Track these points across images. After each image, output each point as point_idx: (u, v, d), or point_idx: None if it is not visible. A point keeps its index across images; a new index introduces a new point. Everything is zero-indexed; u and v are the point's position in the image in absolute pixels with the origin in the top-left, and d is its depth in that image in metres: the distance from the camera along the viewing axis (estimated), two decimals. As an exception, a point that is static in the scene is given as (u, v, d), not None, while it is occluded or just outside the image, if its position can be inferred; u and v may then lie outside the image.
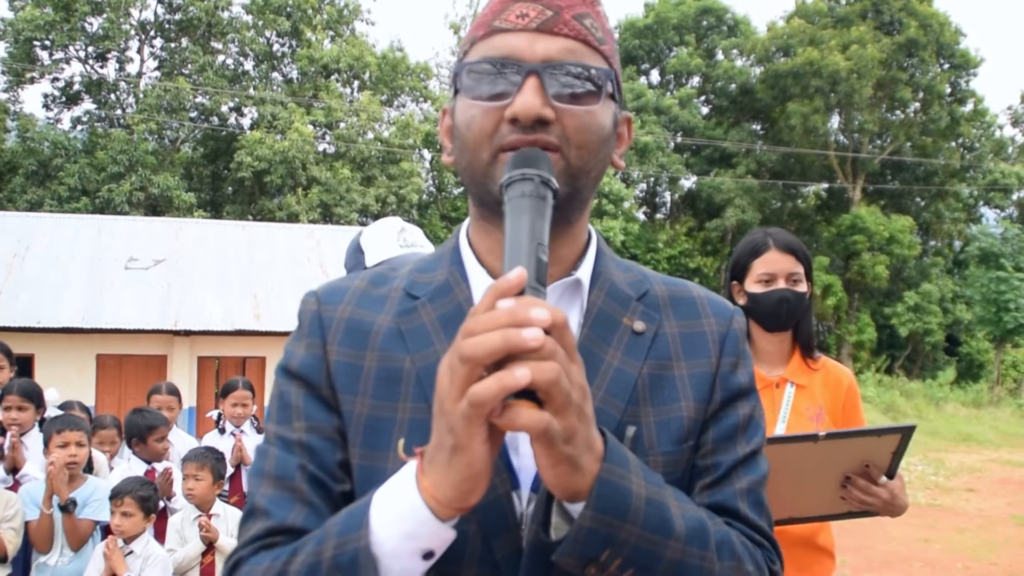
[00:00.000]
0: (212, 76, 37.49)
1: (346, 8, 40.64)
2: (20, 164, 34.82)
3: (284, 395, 1.35)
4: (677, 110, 42.54)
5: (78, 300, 19.00)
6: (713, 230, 41.87)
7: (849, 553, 10.84)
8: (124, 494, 4.84)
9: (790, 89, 41.52)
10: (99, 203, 32.65)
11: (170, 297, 19.56)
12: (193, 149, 39.26)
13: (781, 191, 44.42)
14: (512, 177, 1.19)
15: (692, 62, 44.21)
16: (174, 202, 33.35)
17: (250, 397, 7.08)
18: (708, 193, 42.37)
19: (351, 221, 33.64)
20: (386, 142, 36.87)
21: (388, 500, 1.13)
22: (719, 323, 1.42)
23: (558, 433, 1.04)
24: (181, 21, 38.55)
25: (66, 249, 20.90)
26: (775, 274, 3.05)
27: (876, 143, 44.87)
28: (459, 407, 1.02)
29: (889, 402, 29.54)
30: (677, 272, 41.09)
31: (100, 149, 34.51)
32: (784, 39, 42.38)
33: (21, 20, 35.42)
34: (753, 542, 1.33)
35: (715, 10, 45.58)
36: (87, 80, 38.05)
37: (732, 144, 43.03)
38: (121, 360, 18.67)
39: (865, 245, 40.02)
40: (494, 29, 1.31)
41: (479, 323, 1.01)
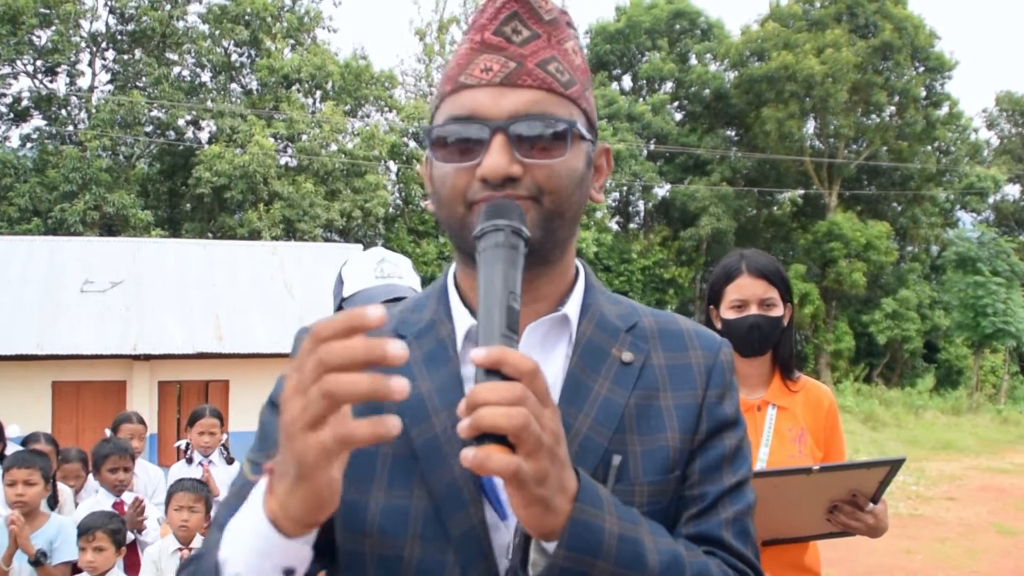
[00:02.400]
0: (168, 89, 37.25)
1: (307, 15, 40.53)
2: (-33, 185, 34.62)
3: (266, 424, 1.44)
4: (650, 116, 42.69)
5: (32, 325, 18.87)
6: (688, 239, 42.02)
7: (833, 566, 10.96)
8: (95, 528, 4.87)
9: (765, 94, 41.81)
10: (51, 223, 32.39)
11: (128, 320, 19.47)
12: (149, 165, 39.00)
13: (756, 198, 44.66)
14: (484, 228, 1.25)
15: (665, 67, 44.42)
16: (130, 221, 33.12)
17: (218, 425, 7.06)
18: (682, 201, 42.53)
19: (315, 237, 33.57)
20: (350, 154, 36.80)
21: (243, 520, 1.18)
22: (706, 355, 1.49)
23: (529, 476, 1.10)
24: (134, 32, 38.30)
25: (18, 272, 20.75)
26: (747, 300, 3.12)
27: (852, 148, 45.27)
28: (315, 439, 1.03)
29: (868, 411, 29.79)
30: (651, 283, 41.25)
31: (51, 167, 34.24)
32: (758, 43, 42.71)
33: (-35, 35, 35.20)
34: (736, 571, 1.37)
35: (688, 14, 45.79)
36: (36, 95, 37.75)
37: (706, 151, 43.27)
38: (79, 387, 18.56)
39: (842, 252, 40.31)
40: (460, 85, 1.37)
41: (335, 361, 1.02)
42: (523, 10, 1.38)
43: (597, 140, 1.48)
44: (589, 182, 1.45)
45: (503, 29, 1.37)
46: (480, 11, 1.41)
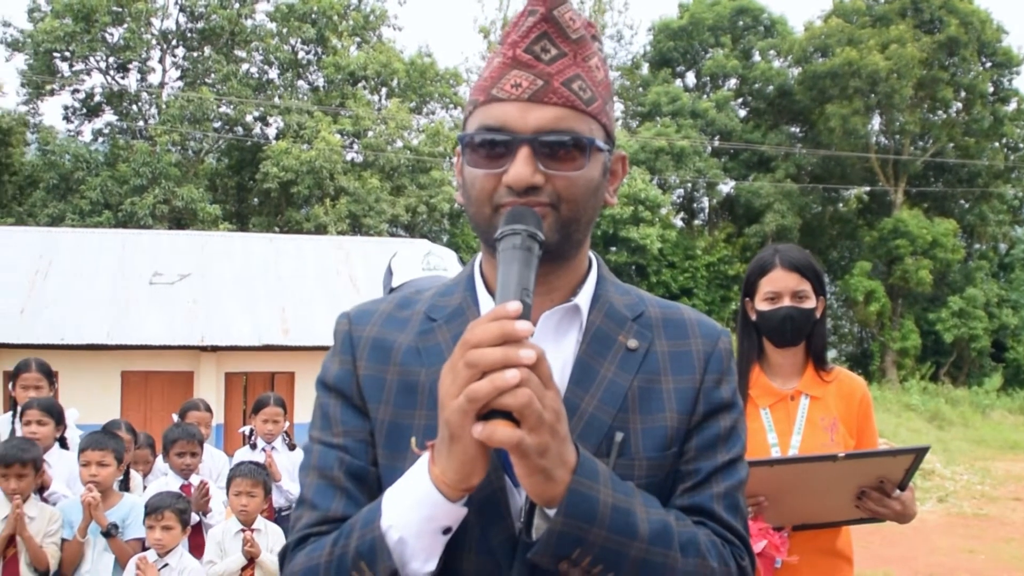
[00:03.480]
0: (236, 85, 37.63)
1: (372, 14, 40.71)
2: (41, 178, 35.15)
3: (324, 406, 1.62)
4: (714, 113, 42.33)
5: (103, 316, 19.09)
6: (753, 236, 41.55)
7: (894, 564, 10.84)
8: (163, 508, 5.01)
9: (829, 90, 41.20)
10: (122, 217, 32.83)
11: (196, 312, 19.62)
12: (217, 160, 39.45)
13: (821, 195, 44.06)
14: (503, 232, 1.43)
15: (728, 64, 43.99)
16: (198, 215, 33.49)
17: (281, 413, 7.21)
18: (747, 198, 42.10)
19: (380, 232, 33.67)
20: (415, 150, 36.91)
21: (405, 491, 1.39)
22: (706, 343, 1.63)
23: (531, 448, 1.28)
24: (204, 30, 38.78)
25: (89, 264, 21.02)
26: (780, 292, 3.22)
27: (918, 145, 44.47)
28: (456, 403, 1.27)
29: (934, 410, 29.29)
30: (716, 280, 40.91)
31: (122, 161, 34.74)
32: (822, 39, 42.08)
33: (41, 32, 35.75)
34: (724, 540, 1.52)
35: (751, 10, 45.34)
36: (108, 91, 38.34)
37: (770, 147, 42.79)
38: (147, 377, 18.73)
39: (908, 249, 39.61)
40: (492, 97, 1.51)
41: (483, 340, 1.26)
42: (552, 30, 1.51)
43: (614, 149, 1.62)
44: (604, 188, 1.60)
45: (533, 48, 1.51)
46: (514, 25, 1.55)
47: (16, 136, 35.87)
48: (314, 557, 1.46)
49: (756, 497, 2.90)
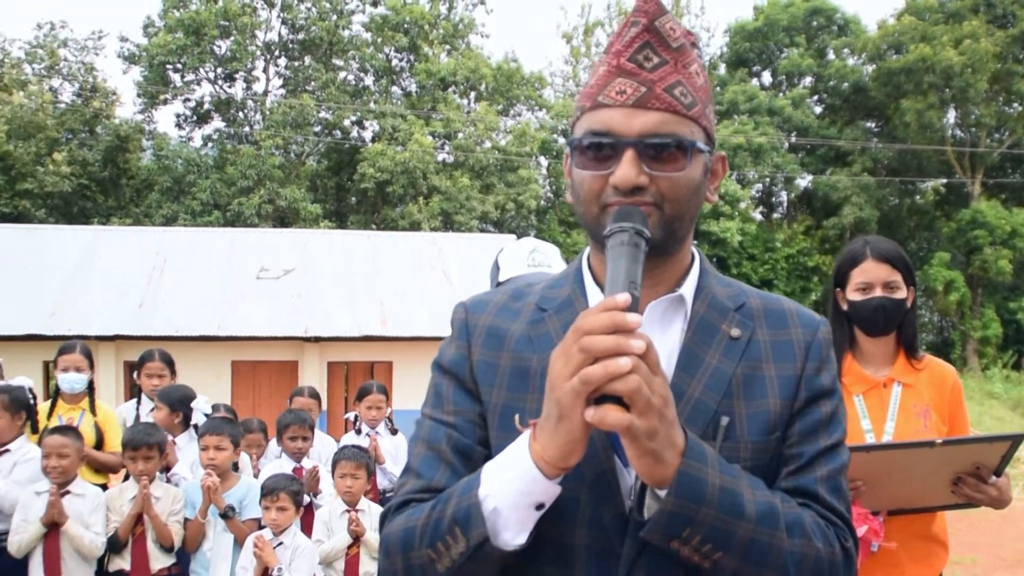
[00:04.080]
0: (334, 92, 38.06)
1: (461, 22, 40.87)
2: (156, 181, 35.94)
3: (437, 385, 1.68)
4: (790, 110, 41.67)
5: (213, 309, 19.45)
6: (831, 228, 40.75)
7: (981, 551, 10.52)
8: (279, 490, 5.07)
9: (903, 86, 40.26)
10: (230, 216, 33.43)
11: (300, 305, 19.87)
12: (318, 162, 39.92)
13: (898, 188, 43.17)
14: (612, 229, 1.47)
15: (803, 62, 43.24)
16: (301, 213, 33.96)
17: (384, 400, 7.27)
18: (824, 192, 41.33)
19: (471, 228, 33.78)
20: (503, 150, 36.95)
21: (504, 465, 1.42)
22: (805, 333, 1.64)
23: (641, 431, 1.30)
24: (304, 40, 39.28)
25: (201, 261, 21.44)
26: (871, 283, 3.20)
27: (994, 137, 43.31)
28: (569, 384, 1.30)
29: (1017, 398, 28.47)
30: (795, 271, 40.29)
31: (230, 164, 35.35)
32: (895, 36, 41.17)
33: (155, 46, 36.56)
34: (828, 522, 1.53)
35: (825, 10, 44.52)
36: (216, 99, 39.06)
37: (847, 142, 41.99)
38: (255, 366, 19.02)
39: (987, 240, 38.53)
40: (598, 103, 1.55)
41: (596, 328, 1.29)
42: (654, 40, 1.54)
43: (714, 150, 1.64)
44: (705, 187, 1.62)
45: (636, 56, 1.54)
46: (617, 35, 1.57)
47: (133, 143, 36.74)
48: (412, 520, 1.51)
49: (854, 482, 2.86)
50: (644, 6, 1.55)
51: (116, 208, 36.07)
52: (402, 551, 1.50)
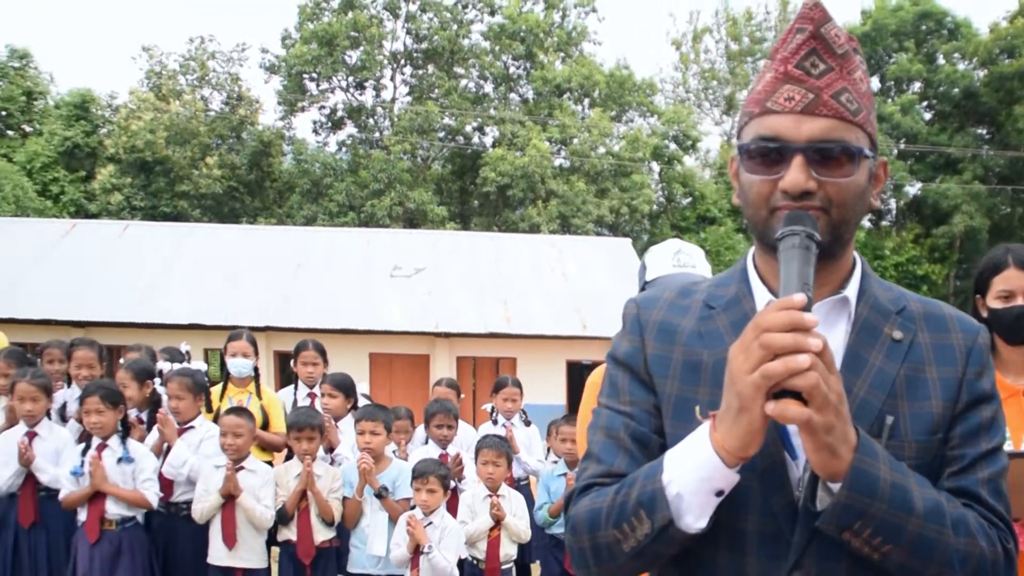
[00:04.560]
0: (457, 99, 38.35)
1: (575, 31, 40.72)
2: (296, 184, 36.78)
3: (613, 377, 1.70)
4: (899, 117, 40.22)
5: (351, 304, 19.85)
6: (941, 237, 39.19)
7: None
8: (428, 473, 5.22)
9: (1016, 91, 38.45)
10: (364, 217, 33.98)
11: (430, 302, 20.13)
12: (443, 166, 40.22)
13: (1010, 196, 41.28)
14: (783, 233, 1.47)
15: (912, 68, 41.65)
16: (428, 215, 34.30)
17: (519, 393, 7.37)
18: (934, 200, 39.66)
19: (587, 231, 33.68)
20: (617, 156, 36.77)
21: (686, 453, 1.44)
22: (966, 338, 1.62)
23: (819, 425, 1.32)
24: (427, 50, 39.58)
25: (339, 259, 21.91)
26: (1013, 291, 3.09)
27: (1112, 142, 41.27)
28: (750, 378, 1.32)
29: None
30: (904, 279, 38.93)
31: (362, 168, 35.90)
32: (1008, 40, 39.32)
33: (292, 57, 37.41)
34: (990, 523, 1.51)
35: (934, 14, 42.75)
36: (349, 107, 39.72)
37: (957, 149, 40.44)
38: (391, 359, 19.33)
39: (1103, 249, 36.82)
40: (767, 110, 1.55)
41: (775, 325, 1.31)
42: (820, 47, 1.53)
43: (877, 155, 1.62)
44: (870, 192, 1.61)
45: (803, 64, 1.53)
46: (782, 42, 1.57)
47: (275, 148, 37.65)
48: (597, 502, 1.53)
49: None
50: (810, 13, 1.54)
51: (262, 208, 37.08)
52: (589, 531, 1.53)
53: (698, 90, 44.88)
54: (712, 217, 37.41)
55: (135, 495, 5.25)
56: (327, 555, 5.48)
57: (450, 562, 5.09)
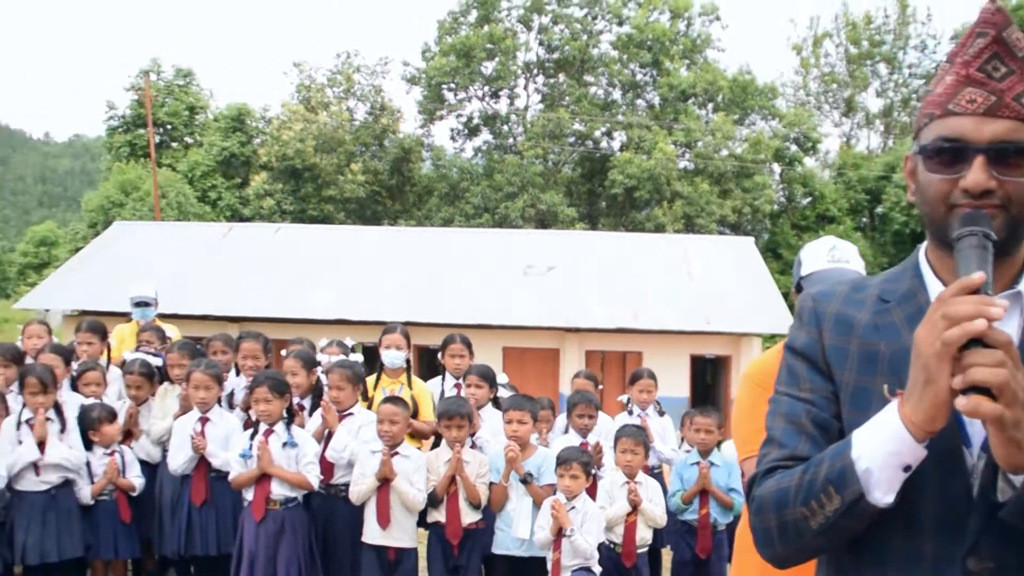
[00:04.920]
0: (586, 105, 38.35)
1: (699, 38, 40.21)
2: (435, 187, 37.39)
3: (791, 366, 1.70)
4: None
5: (486, 300, 20.05)
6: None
7: None
8: (572, 460, 5.22)
9: None
10: (498, 218, 34.26)
11: (561, 299, 20.18)
12: (572, 170, 40.22)
13: None
14: (961, 233, 1.46)
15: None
16: (559, 216, 34.41)
17: (653, 385, 7.32)
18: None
19: (711, 231, 33.30)
20: (739, 158, 36.19)
21: (875, 429, 1.44)
22: None
23: (1008, 421, 1.29)
24: (559, 60, 39.68)
25: (475, 258, 22.17)
26: None
27: None
28: (934, 347, 1.32)
29: None
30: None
31: (497, 172, 36.21)
32: None
33: (432, 68, 37.99)
34: None
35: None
36: (484, 115, 40.12)
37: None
38: (523, 353, 19.44)
39: None
40: (948, 112, 1.54)
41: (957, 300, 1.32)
42: (1002, 50, 1.51)
43: None
44: None
45: (985, 67, 1.51)
46: (961, 46, 1.55)
47: (415, 154, 38.32)
48: (783, 482, 1.53)
49: None
50: (991, 17, 1.52)
51: (402, 211, 37.79)
52: (776, 510, 1.53)
53: (818, 93, 43.76)
54: (831, 216, 36.46)
55: (298, 477, 5.40)
56: (473, 536, 5.52)
57: (591, 544, 5.10)
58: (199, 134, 40.45)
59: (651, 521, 5.64)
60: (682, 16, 39.61)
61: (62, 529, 5.60)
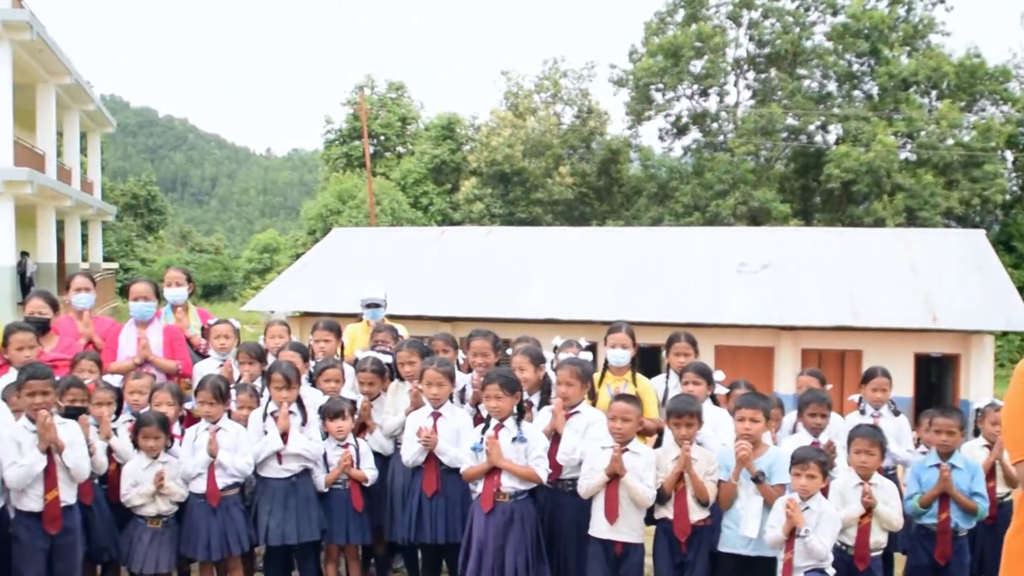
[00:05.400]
0: (800, 99, 37.36)
1: (921, 23, 38.35)
2: (643, 187, 37.43)
3: None
4: None
5: (698, 299, 19.84)
6: None
7: None
8: (809, 459, 5.13)
9: None
10: (708, 216, 33.97)
11: (775, 297, 19.73)
12: (785, 165, 39.34)
13: None
14: None
15: None
16: (772, 213, 33.74)
17: (888, 383, 6.99)
18: None
19: (936, 224, 31.72)
20: (967, 146, 34.24)
21: None
22: None
23: None
24: (770, 54, 38.90)
25: (686, 257, 21.99)
26: None
27: None
28: None
29: None
30: None
31: (707, 171, 35.91)
32: None
33: (639, 70, 38.01)
34: None
35: None
36: (693, 113, 39.78)
37: None
38: (735, 351, 19.11)
39: None
40: None
41: None
42: None
43: None
44: None
45: None
46: None
47: (622, 155, 38.53)
48: None
49: None
50: None
51: (609, 212, 38.02)
52: None
53: (1057, 74, 40.78)
54: (1072, 206, 33.95)
55: (527, 471, 5.53)
56: (700, 533, 5.49)
57: (825, 546, 5.00)
58: (411, 143, 42.11)
59: (886, 524, 5.46)
60: (902, 2, 37.87)
61: (301, 514, 5.99)
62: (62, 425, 5.34)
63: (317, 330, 7.18)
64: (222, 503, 5.86)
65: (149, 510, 5.76)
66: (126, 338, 6.96)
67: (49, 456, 5.23)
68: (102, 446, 5.78)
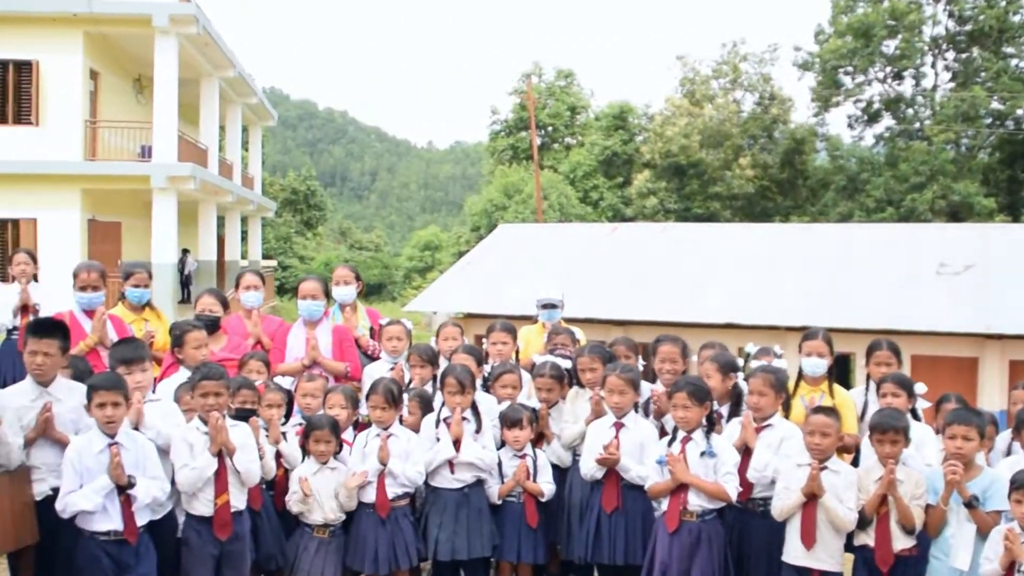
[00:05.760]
0: (1007, 81, 35.56)
1: None
2: (830, 180, 36.47)
3: None
4: None
5: (890, 302, 19.14)
6: None
7: None
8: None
9: None
10: (903, 212, 32.82)
11: (980, 301, 18.84)
12: (990, 155, 37.59)
13: None
14: None
15: None
16: (974, 208, 32.31)
17: None
18: None
19: None
20: None
21: None
22: None
23: None
24: (972, 31, 37.26)
25: (878, 256, 21.25)
26: None
27: None
28: None
29: None
30: None
31: (902, 161, 34.69)
32: None
33: (826, 51, 37.06)
34: None
35: None
36: (886, 98, 38.50)
37: None
38: (934, 361, 18.33)
39: None
40: None
41: None
42: None
43: None
44: None
45: None
46: None
47: (808, 145, 37.67)
48: None
49: None
50: None
51: (793, 207, 37.24)
52: None
53: None
54: None
55: (716, 488, 5.42)
56: (905, 564, 5.28)
57: (1053, 584, 4.75)
58: (580, 134, 42.28)
59: None
60: None
61: (472, 527, 5.97)
62: (233, 427, 5.46)
63: (493, 332, 7.19)
64: (391, 514, 5.85)
65: (316, 518, 5.82)
66: (294, 338, 7.13)
67: (220, 459, 5.34)
68: (271, 450, 5.88)
